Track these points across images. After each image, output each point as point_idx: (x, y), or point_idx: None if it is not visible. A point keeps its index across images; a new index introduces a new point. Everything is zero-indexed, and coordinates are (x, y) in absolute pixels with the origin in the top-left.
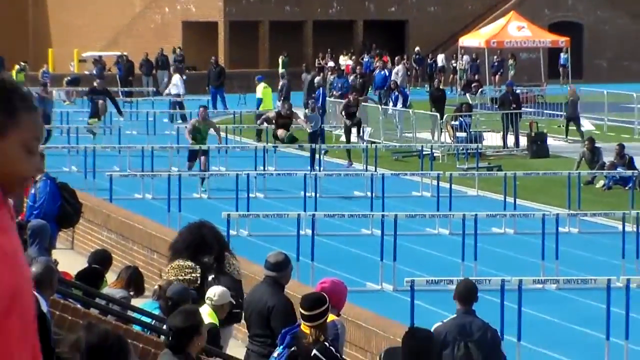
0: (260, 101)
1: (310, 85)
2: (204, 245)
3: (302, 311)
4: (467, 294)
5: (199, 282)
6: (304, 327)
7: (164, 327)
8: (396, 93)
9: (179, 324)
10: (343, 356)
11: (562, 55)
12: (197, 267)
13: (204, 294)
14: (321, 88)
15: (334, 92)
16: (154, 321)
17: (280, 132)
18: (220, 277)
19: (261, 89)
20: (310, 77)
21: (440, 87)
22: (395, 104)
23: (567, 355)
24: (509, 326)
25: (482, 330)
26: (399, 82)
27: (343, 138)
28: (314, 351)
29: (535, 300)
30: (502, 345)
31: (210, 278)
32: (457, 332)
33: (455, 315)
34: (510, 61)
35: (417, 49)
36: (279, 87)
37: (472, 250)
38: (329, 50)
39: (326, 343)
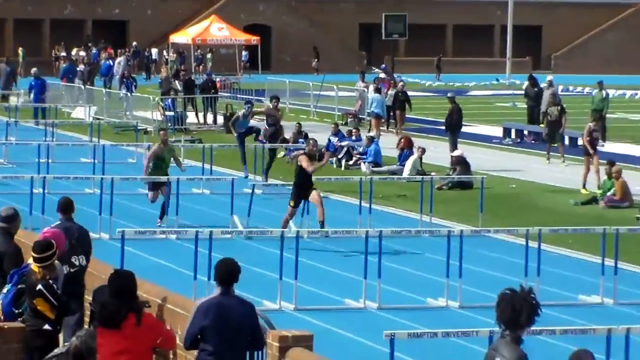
0: None
1: (8, 75)
2: None
3: (34, 254)
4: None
5: None
6: (34, 267)
7: None
8: (130, 80)
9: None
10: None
11: (244, 52)
12: None
13: None
14: (38, 78)
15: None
16: None
17: None
18: None
19: None
20: (10, 68)
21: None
22: (129, 89)
23: (251, 291)
24: (202, 268)
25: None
26: (120, 71)
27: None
28: (39, 286)
29: (225, 248)
30: None
31: None
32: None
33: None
34: (209, 55)
35: (134, 43)
36: None
37: (174, 207)
38: (62, 43)
39: (50, 281)
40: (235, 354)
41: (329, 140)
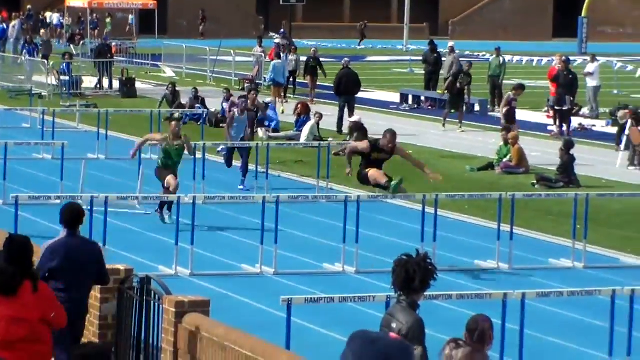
0: None
1: None
2: None
3: None
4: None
5: None
6: None
7: None
8: (32, 46)
9: None
10: None
11: (130, 16)
12: None
13: None
14: None
15: None
16: None
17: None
18: None
19: None
20: None
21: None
22: (30, 54)
23: (146, 256)
24: (97, 234)
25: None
26: (15, 35)
27: None
28: None
29: (120, 213)
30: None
31: None
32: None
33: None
34: (108, 20)
35: (29, 7)
36: None
37: (72, 172)
38: None
39: None
40: (83, 290)
41: (222, 106)
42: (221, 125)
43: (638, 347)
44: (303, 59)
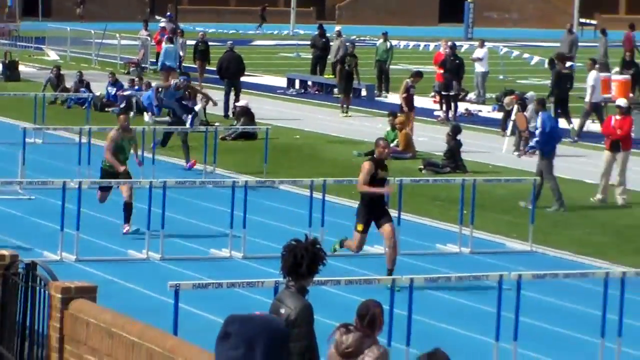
0: None
1: None
2: None
3: None
4: None
5: None
6: None
7: None
8: None
9: None
10: None
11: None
12: None
13: None
14: None
15: None
16: None
17: None
18: None
19: None
20: None
21: None
22: None
23: (31, 242)
24: None
25: None
26: None
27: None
28: None
29: (4, 199)
30: None
31: None
32: None
33: None
34: None
35: None
36: None
37: None
38: None
39: None
40: None
41: (107, 90)
42: (106, 109)
43: (524, 332)
44: (189, 42)
